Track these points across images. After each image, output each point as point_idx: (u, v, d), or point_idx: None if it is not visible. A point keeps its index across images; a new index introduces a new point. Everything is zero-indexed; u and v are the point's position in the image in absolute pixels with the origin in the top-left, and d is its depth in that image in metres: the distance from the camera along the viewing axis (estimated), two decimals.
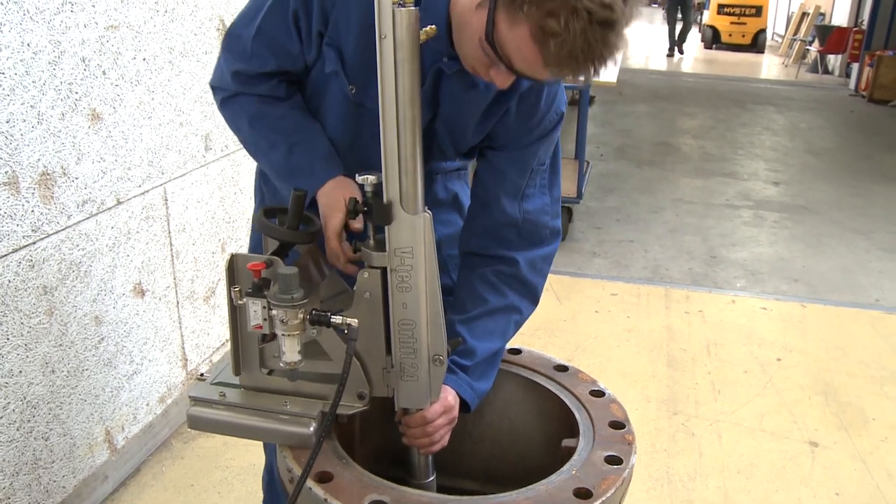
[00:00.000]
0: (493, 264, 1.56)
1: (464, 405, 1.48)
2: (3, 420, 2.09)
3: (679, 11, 16.05)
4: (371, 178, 1.25)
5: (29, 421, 2.18)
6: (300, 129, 1.50)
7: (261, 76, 1.48)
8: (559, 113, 1.52)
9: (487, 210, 1.56)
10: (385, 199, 1.25)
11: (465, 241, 1.62)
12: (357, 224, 1.34)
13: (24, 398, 2.15)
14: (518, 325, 1.60)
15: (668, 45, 16.52)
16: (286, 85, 1.52)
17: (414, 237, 1.26)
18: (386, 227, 1.26)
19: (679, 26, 16.50)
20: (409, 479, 1.48)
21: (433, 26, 1.24)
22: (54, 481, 2.31)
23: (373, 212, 1.25)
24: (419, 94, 1.21)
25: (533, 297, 1.61)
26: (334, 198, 1.38)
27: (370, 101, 1.39)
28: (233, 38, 1.50)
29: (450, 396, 1.44)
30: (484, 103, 1.45)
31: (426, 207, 1.27)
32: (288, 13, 1.41)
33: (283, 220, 1.36)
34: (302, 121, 1.51)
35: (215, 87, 1.57)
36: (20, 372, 2.12)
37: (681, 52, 16.48)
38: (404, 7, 1.16)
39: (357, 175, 1.27)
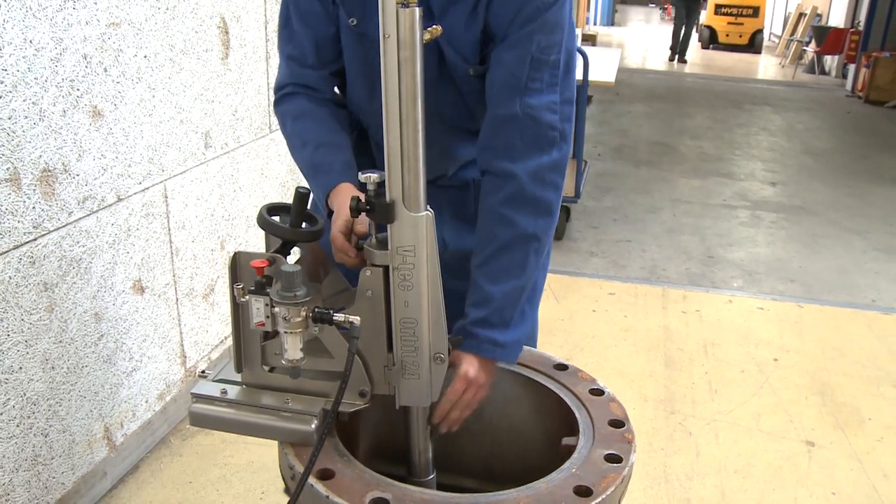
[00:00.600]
0: (497, 188, 1.49)
1: (491, 365, 1.49)
2: (3, 416, 2.09)
3: (685, 16, 15.24)
4: (374, 177, 1.26)
5: (28, 417, 2.18)
6: (332, 133, 1.59)
7: (309, 58, 1.60)
8: None
9: (490, 107, 1.51)
10: (388, 198, 1.25)
11: (477, 155, 1.58)
12: (362, 227, 1.34)
13: (24, 394, 2.15)
14: (539, 252, 1.51)
15: (670, 48, 15.96)
16: (332, 80, 1.64)
17: (416, 236, 1.26)
18: (388, 226, 1.27)
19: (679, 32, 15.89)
20: (409, 477, 1.49)
21: (437, 26, 1.25)
22: (53, 478, 2.31)
23: (375, 210, 1.26)
24: (422, 93, 1.22)
25: (547, 213, 1.50)
26: (340, 202, 1.41)
27: (373, 29, 1.37)
28: (280, 30, 1.65)
29: (470, 370, 1.44)
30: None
31: (428, 206, 1.28)
32: None
33: (286, 218, 1.36)
34: (336, 128, 1.61)
35: (275, 88, 1.68)
36: (20, 368, 2.12)
37: (682, 60, 15.58)
38: (408, 7, 1.16)
39: (360, 173, 1.28)
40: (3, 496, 2.13)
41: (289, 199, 1.36)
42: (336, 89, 1.69)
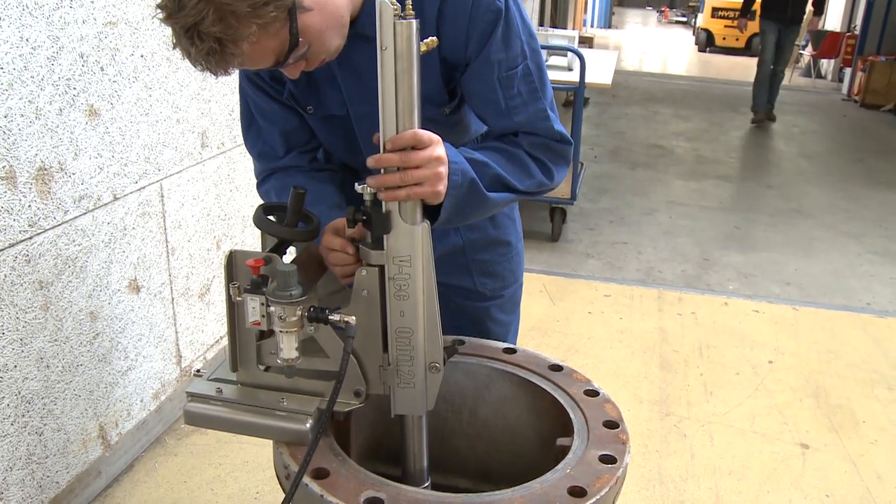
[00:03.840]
0: (503, 138, 1.51)
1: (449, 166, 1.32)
2: None
3: (776, 48, 9.23)
4: (370, 188, 1.26)
5: (23, 416, 2.18)
6: (316, 187, 1.55)
7: (279, 151, 1.61)
8: (493, 10, 1.38)
9: (488, 136, 1.54)
10: (384, 209, 1.26)
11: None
12: (356, 233, 1.34)
13: (19, 393, 2.15)
14: (516, 177, 1.47)
15: (753, 103, 9.44)
16: (307, 155, 1.64)
17: (412, 246, 1.26)
18: (384, 237, 1.27)
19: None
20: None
21: (434, 38, 1.25)
22: (48, 476, 2.31)
23: (372, 221, 1.26)
24: (419, 104, 1.22)
25: (541, 165, 1.50)
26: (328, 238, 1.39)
27: (332, 109, 1.52)
28: (245, 133, 1.66)
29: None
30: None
31: (424, 219, 1.28)
32: (251, 85, 1.55)
33: (282, 217, 1.36)
34: (319, 178, 1.61)
35: (257, 178, 1.70)
36: (15, 366, 2.12)
37: (771, 116, 9.50)
38: (405, 19, 1.16)
39: (356, 184, 1.28)
40: None
41: (285, 198, 1.37)
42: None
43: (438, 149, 1.27)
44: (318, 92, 1.52)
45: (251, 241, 3.29)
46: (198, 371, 1.44)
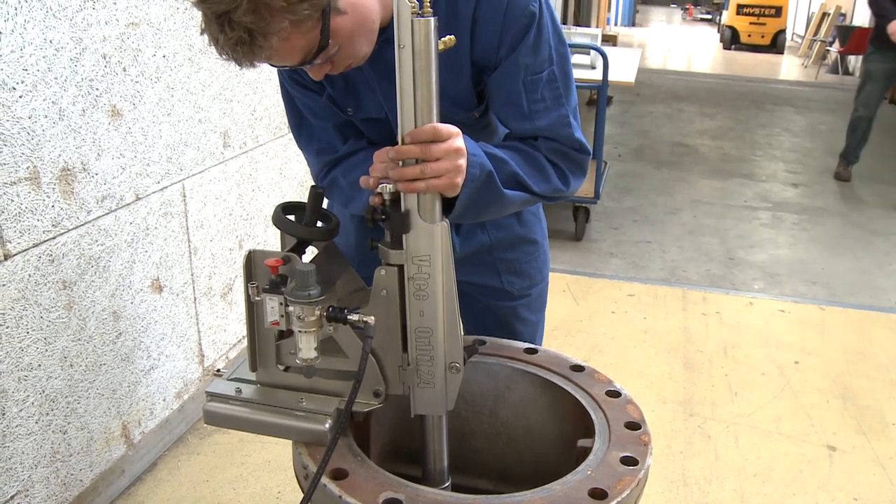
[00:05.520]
0: (523, 140, 1.51)
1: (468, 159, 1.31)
2: (23, 413, 2.10)
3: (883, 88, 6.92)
4: (389, 187, 1.25)
5: (47, 414, 2.20)
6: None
7: (337, 144, 1.58)
8: (527, 14, 1.38)
9: (508, 137, 1.53)
10: (403, 208, 1.25)
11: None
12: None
13: (43, 392, 2.17)
14: (533, 179, 1.47)
15: (847, 154, 7.13)
16: (364, 140, 1.59)
17: (432, 246, 1.26)
18: (404, 236, 1.26)
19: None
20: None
21: (451, 36, 1.24)
22: (72, 475, 2.33)
23: (391, 220, 1.26)
24: (438, 103, 1.21)
25: (558, 171, 1.50)
26: None
27: (371, 112, 1.51)
28: (297, 134, 1.64)
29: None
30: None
31: (443, 216, 1.27)
32: (294, 84, 1.54)
33: (301, 216, 1.36)
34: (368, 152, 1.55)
35: (316, 178, 1.66)
36: (39, 366, 2.14)
37: (844, 176, 7.10)
38: (423, 17, 1.16)
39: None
40: (22, 492, 2.14)
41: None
42: None
43: (458, 141, 1.26)
44: (356, 94, 1.50)
45: (273, 240, 3.30)
46: (218, 371, 1.44)
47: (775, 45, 17.74)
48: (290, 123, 1.64)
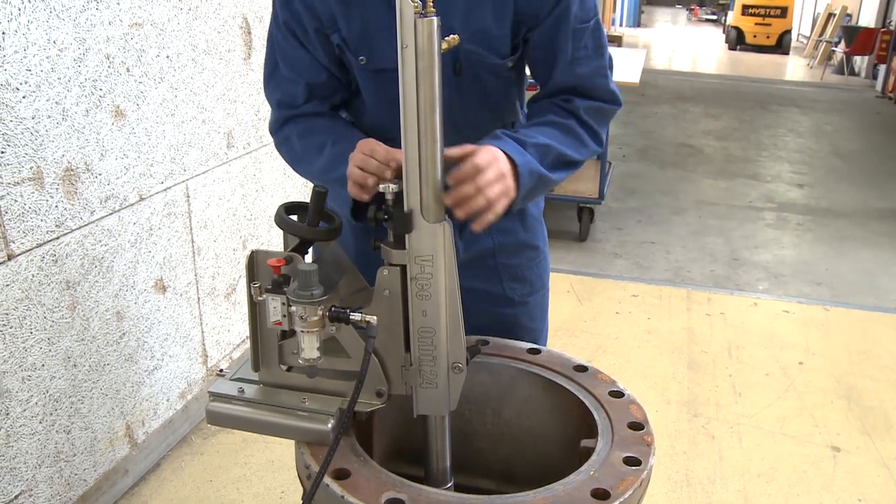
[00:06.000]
0: (548, 102, 1.56)
1: (515, 171, 1.36)
2: (26, 413, 2.11)
3: None
4: (392, 187, 1.25)
5: (51, 414, 2.20)
6: (346, 128, 1.56)
7: (300, 99, 1.57)
8: None
9: (545, 86, 1.57)
10: (406, 208, 1.25)
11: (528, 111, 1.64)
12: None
13: (47, 392, 2.17)
14: (576, 150, 1.52)
15: None
16: (327, 104, 1.60)
17: (434, 246, 1.25)
18: (406, 236, 1.26)
19: None
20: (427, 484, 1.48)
21: (455, 36, 1.24)
22: (76, 474, 2.33)
23: (393, 220, 1.25)
24: (440, 102, 1.21)
25: (593, 134, 1.56)
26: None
27: (386, 62, 1.44)
28: (266, 80, 1.62)
29: (497, 152, 1.34)
30: None
31: (446, 217, 1.27)
32: (285, 30, 1.52)
33: (304, 216, 1.36)
34: (344, 126, 1.59)
35: (271, 130, 1.65)
36: (43, 365, 2.14)
37: None
38: (426, 17, 1.15)
39: (379, 184, 1.27)
40: (26, 491, 2.15)
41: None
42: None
43: (499, 165, 1.33)
44: (371, 42, 1.48)
45: (277, 241, 3.30)
46: (220, 371, 1.44)
47: (781, 45, 17.70)
48: (264, 70, 1.62)
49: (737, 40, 18.24)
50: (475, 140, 1.48)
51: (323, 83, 1.56)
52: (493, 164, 1.31)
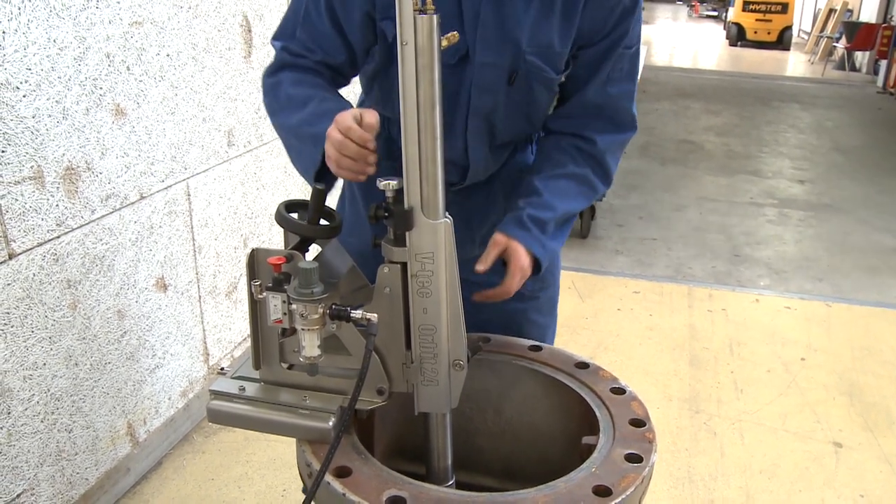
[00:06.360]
0: (572, 139, 1.62)
1: (535, 264, 1.53)
2: (28, 412, 2.11)
3: None
4: (392, 184, 1.25)
5: (53, 413, 2.20)
6: (335, 93, 1.55)
7: (307, 57, 1.55)
8: None
9: (573, 99, 1.61)
10: (406, 205, 1.25)
11: (547, 123, 1.67)
12: (371, 117, 1.28)
13: (48, 390, 2.17)
14: (588, 200, 1.66)
15: None
16: (329, 74, 1.57)
17: (435, 243, 1.25)
18: (407, 233, 1.26)
19: None
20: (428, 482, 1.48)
21: (455, 33, 1.24)
22: (77, 473, 2.33)
23: (394, 217, 1.25)
24: (440, 100, 1.21)
25: (606, 178, 1.64)
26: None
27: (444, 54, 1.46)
28: (281, 30, 1.58)
29: (523, 259, 1.50)
30: (556, 8, 1.48)
31: (446, 213, 1.27)
32: (323, 4, 1.50)
33: (304, 214, 1.35)
34: (336, 92, 1.56)
35: (265, 73, 1.60)
36: (44, 364, 2.14)
37: None
38: (425, 14, 1.15)
39: (378, 180, 1.27)
40: (28, 490, 2.15)
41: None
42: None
43: (524, 272, 1.51)
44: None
45: (278, 239, 3.28)
46: (221, 369, 1.44)
47: (781, 41, 17.67)
48: (283, 23, 1.58)
49: (737, 36, 18.21)
50: (504, 140, 1.63)
51: (336, 64, 1.56)
52: (517, 275, 1.48)
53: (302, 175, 1.51)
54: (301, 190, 3.51)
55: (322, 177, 1.42)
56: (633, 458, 1.28)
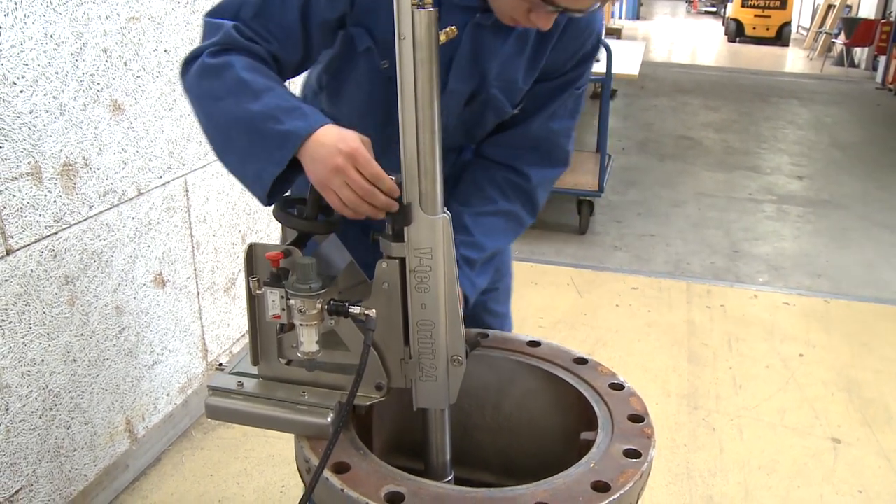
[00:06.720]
0: (506, 172, 1.63)
1: (464, 300, 1.52)
2: (26, 408, 2.10)
3: None
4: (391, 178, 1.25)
5: (51, 409, 2.20)
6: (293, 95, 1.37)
7: (260, 45, 1.37)
8: (598, 34, 1.56)
9: (516, 129, 1.62)
10: (404, 201, 1.24)
11: (481, 147, 1.67)
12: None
13: (46, 387, 2.17)
14: (516, 235, 1.69)
15: None
16: (276, 69, 1.40)
17: (433, 238, 1.25)
18: (405, 228, 1.26)
19: None
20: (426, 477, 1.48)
21: (453, 27, 1.24)
22: (76, 469, 2.33)
23: (392, 212, 1.25)
24: (438, 95, 1.21)
25: (534, 212, 1.68)
26: (343, 132, 1.24)
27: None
28: (237, 9, 1.38)
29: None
30: (528, 47, 1.50)
31: (445, 209, 1.26)
32: (296, 1, 1.37)
33: (302, 210, 1.35)
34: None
35: (197, 52, 1.35)
36: (42, 361, 2.14)
37: None
38: (423, 8, 1.15)
39: None
40: (26, 486, 2.15)
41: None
42: None
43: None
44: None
45: (276, 235, 3.29)
46: (220, 365, 1.44)
47: (780, 37, 17.65)
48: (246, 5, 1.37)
49: (736, 32, 18.20)
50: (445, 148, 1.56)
51: (286, 61, 1.41)
52: None
53: (246, 178, 1.32)
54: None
55: (276, 185, 1.28)
56: (632, 454, 1.28)
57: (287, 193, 1.36)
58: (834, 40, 14.91)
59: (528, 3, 1.30)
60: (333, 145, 1.21)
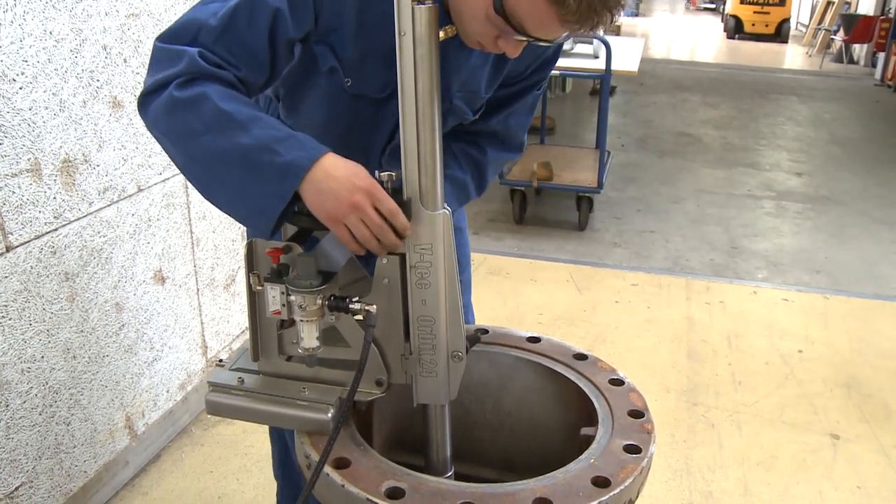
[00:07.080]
0: (464, 144, 1.67)
1: None
2: (26, 404, 2.11)
3: None
4: (393, 175, 1.25)
5: (51, 406, 2.20)
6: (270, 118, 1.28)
7: (227, 71, 1.29)
8: (559, 42, 1.43)
9: (474, 123, 1.64)
10: (404, 196, 1.24)
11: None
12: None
13: (46, 383, 2.17)
14: (460, 205, 1.70)
15: None
16: (245, 90, 1.33)
17: (433, 234, 1.25)
18: None
19: None
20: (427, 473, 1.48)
21: (452, 26, 1.24)
22: (76, 466, 2.33)
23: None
24: (439, 90, 1.21)
25: (481, 188, 1.71)
26: (353, 166, 1.22)
27: (371, 90, 1.47)
28: (187, 29, 1.30)
29: None
30: (490, 58, 1.52)
31: (445, 205, 1.27)
32: (265, 18, 1.29)
33: (302, 206, 1.35)
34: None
35: (162, 82, 1.25)
36: (42, 357, 2.14)
37: None
38: (423, 5, 1.15)
39: (376, 172, 1.26)
40: (26, 483, 2.15)
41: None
42: None
43: None
44: (363, 67, 1.43)
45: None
46: (220, 361, 1.44)
47: (779, 34, 17.63)
48: (204, 19, 1.28)
49: (735, 29, 18.18)
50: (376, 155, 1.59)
51: (251, 83, 1.33)
52: None
53: (241, 214, 1.29)
54: None
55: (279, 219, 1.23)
56: (632, 449, 1.28)
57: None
58: (833, 37, 14.90)
59: (496, 31, 1.28)
60: (348, 180, 1.19)
